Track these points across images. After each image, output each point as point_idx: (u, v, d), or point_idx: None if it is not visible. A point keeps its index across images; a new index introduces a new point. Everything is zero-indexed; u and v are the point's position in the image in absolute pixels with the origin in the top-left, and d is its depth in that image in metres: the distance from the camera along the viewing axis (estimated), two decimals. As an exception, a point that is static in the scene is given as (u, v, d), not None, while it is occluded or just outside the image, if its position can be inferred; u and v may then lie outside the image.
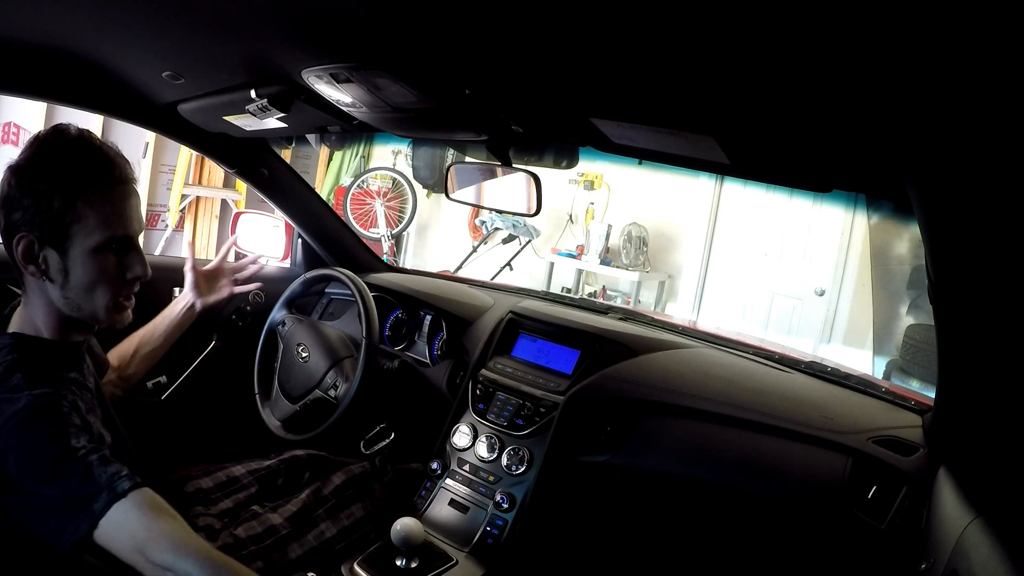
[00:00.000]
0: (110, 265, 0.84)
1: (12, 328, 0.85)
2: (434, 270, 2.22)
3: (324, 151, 4.92)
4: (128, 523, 0.71)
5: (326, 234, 1.77)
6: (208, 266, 1.28)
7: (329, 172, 4.98)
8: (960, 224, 0.61)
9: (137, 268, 0.87)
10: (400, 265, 2.75)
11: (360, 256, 1.84)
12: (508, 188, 1.23)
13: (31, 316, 0.85)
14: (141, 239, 0.91)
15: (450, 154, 4.16)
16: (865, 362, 3.35)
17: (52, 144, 0.82)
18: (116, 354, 1.18)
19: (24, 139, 3.52)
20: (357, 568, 1.06)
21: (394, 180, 4.69)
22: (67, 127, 0.83)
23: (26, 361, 0.79)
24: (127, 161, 0.86)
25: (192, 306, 1.22)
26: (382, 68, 0.83)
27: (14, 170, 0.81)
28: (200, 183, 4.11)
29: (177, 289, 1.48)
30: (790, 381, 1.23)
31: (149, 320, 1.22)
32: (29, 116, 3.53)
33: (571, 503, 1.26)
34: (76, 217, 0.80)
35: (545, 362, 1.34)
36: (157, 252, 3.83)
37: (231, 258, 1.38)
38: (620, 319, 1.47)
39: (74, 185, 0.80)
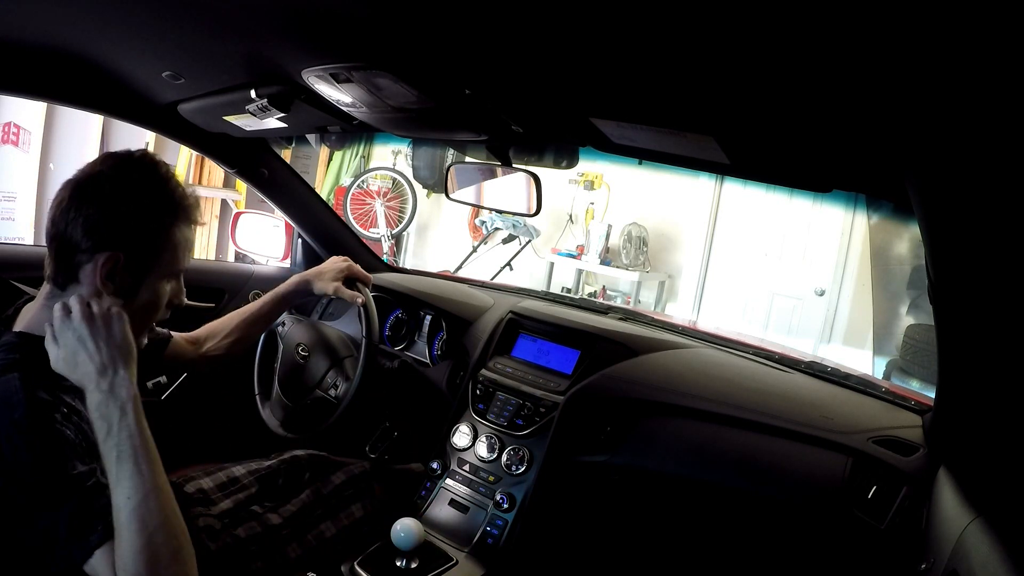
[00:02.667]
0: (168, 293, 0.89)
1: (20, 327, 0.83)
2: (434, 270, 2.22)
3: (324, 151, 4.92)
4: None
5: (326, 234, 1.78)
6: (340, 264, 1.29)
7: (329, 172, 4.98)
8: (960, 224, 0.61)
9: (182, 297, 0.93)
10: (400, 265, 2.74)
11: (360, 256, 1.84)
12: (508, 188, 1.24)
13: (49, 318, 0.82)
14: None
15: (450, 154, 4.16)
16: (865, 362, 3.35)
17: (143, 169, 0.84)
18: (206, 329, 1.24)
19: (24, 139, 3.54)
20: (357, 568, 1.06)
21: (394, 180, 4.69)
22: (153, 156, 0.86)
23: (27, 362, 0.77)
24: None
25: (307, 282, 1.26)
26: (382, 68, 0.83)
27: (95, 188, 0.80)
28: (200, 183, 4.10)
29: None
30: (790, 381, 1.23)
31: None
32: (29, 116, 3.53)
33: (571, 503, 1.26)
34: (167, 246, 0.84)
35: (545, 362, 1.34)
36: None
37: (231, 258, 1.39)
38: (620, 319, 1.47)
39: (169, 215, 0.84)
